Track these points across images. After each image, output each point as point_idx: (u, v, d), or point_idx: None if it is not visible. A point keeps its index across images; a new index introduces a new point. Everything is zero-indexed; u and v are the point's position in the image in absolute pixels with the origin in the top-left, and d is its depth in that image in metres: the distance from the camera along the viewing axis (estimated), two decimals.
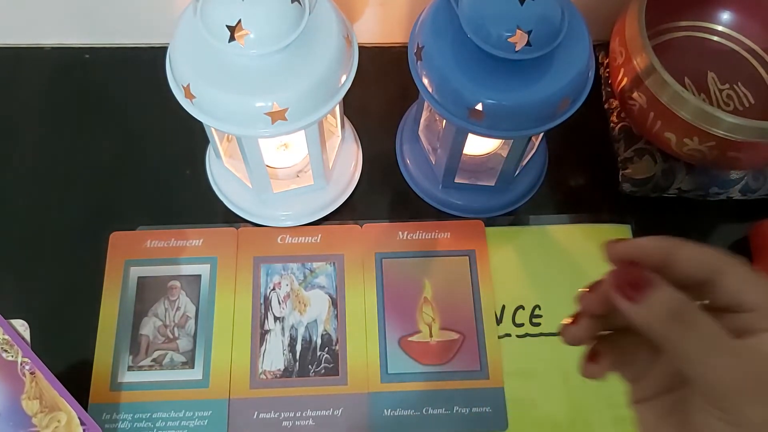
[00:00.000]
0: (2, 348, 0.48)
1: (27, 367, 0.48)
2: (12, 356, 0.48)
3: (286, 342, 0.55)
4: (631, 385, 0.34)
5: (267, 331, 0.55)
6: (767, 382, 0.28)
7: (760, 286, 0.30)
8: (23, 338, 0.50)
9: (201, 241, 0.58)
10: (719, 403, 0.29)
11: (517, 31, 0.44)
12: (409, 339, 0.55)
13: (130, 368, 0.54)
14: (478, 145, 0.58)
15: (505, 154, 0.55)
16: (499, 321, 0.56)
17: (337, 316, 0.56)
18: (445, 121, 0.53)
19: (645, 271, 0.30)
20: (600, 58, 0.66)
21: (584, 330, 0.34)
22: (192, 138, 0.60)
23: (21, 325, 0.53)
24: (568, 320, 0.35)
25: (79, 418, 0.48)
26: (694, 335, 0.28)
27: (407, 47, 0.51)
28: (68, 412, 0.48)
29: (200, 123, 0.49)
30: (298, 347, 0.55)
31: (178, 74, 0.47)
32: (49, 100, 0.65)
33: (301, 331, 0.56)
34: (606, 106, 0.64)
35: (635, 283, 0.30)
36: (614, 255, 0.33)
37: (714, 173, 0.59)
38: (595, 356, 0.34)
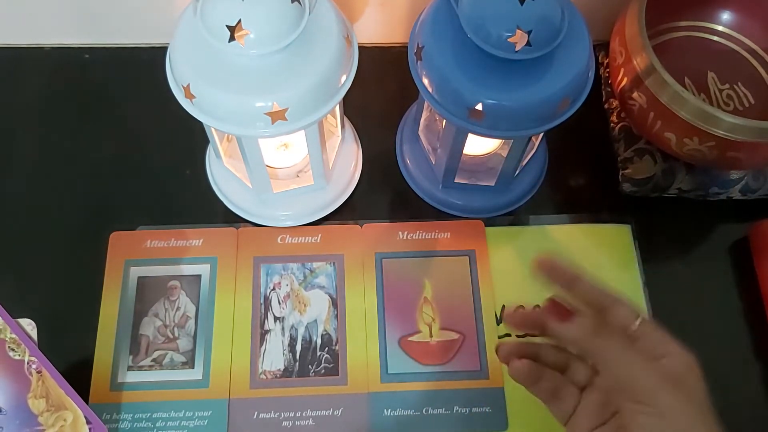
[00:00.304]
0: (9, 347, 0.48)
1: (34, 366, 0.48)
2: (19, 355, 0.48)
3: (286, 342, 0.55)
4: (567, 426, 0.43)
5: (267, 331, 0.55)
6: (671, 377, 0.37)
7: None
8: (30, 337, 0.50)
9: (201, 241, 0.58)
10: (641, 397, 0.37)
11: (517, 31, 0.44)
12: (409, 339, 0.55)
13: (130, 368, 0.54)
14: (478, 145, 0.58)
15: (505, 154, 0.55)
16: (499, 321, 0.56)
17: (337, 316, 0.56)
18: (445, 121, 0.53)
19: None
20: (600, 58, 0.66)
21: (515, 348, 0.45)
22: (192, 138, 0.60)
23: (28, 324, 0.53)
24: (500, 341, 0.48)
25: (85, 417, 0.48)
26: (613, 344, 0.39)
27: (407, 47, 0.51)
28: (74, 411, 0.48)
29: (200, 123, 0.49)
30: (298, 347, 0.55)
31: (178, 74, 0.47)
32: (49, 100, 0.65)
33: (301, 331, 0.56)
34: (606, 106, 0.64)
35: (565, 312, 0.41)
36: (541, 265, 0.44)
37: (714, 173, 0.59)
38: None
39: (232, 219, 0.59)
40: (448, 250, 0.59)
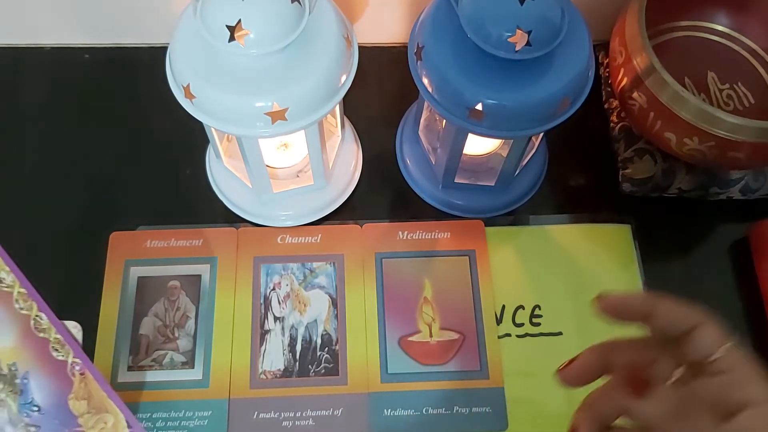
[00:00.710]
0: (53, 347, 0.48)
1: (77, 368, 0.48)
2: (62, 356, 0.48)
3: (286, 342, 0.55)
4: None
5: (267, 331, 0.55)
6: None
7: (731, 350, 0.34)
8: (75, 339, 0.50)
9: (201, 241, 0.58)
10: None
11: (517, 31, 0.44)
12: (409, 339, 0.55)
13: (130, 368, 0.54)
14: (478, 145, 0.58)
15: (505, 154, 0.55)
16: (499, 321, 0.56)
17: (337, 316, 0.56)
18: (445, 121, 0.53)
19: (647, 371, 0.35)
20: (600, 57, 0.66)
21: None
22: (192, 138, 0.60)
23: (74, 327, 0.54)
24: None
25: (126, 421, 0.48)
26: (691, 428, 0.33)
27: (407, 47, 0.51)
28: (116, 414, 0.48)
29: (200, 123, 0.49)
30: (298, 347, 0.55)
31: (178, 74, 0.47)
32: (49, 100, 0.65)
33: (301, 331, 0.56)
34: (606, 106, 0.64)
35: (640, 381, 0.34)
36: (605, 307, 0.37)
37: (714, 173, 0.59)
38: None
39: (232, 219, 0.59)
40: (448, 250, 0.59)
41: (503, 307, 0.57)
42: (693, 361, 0.35)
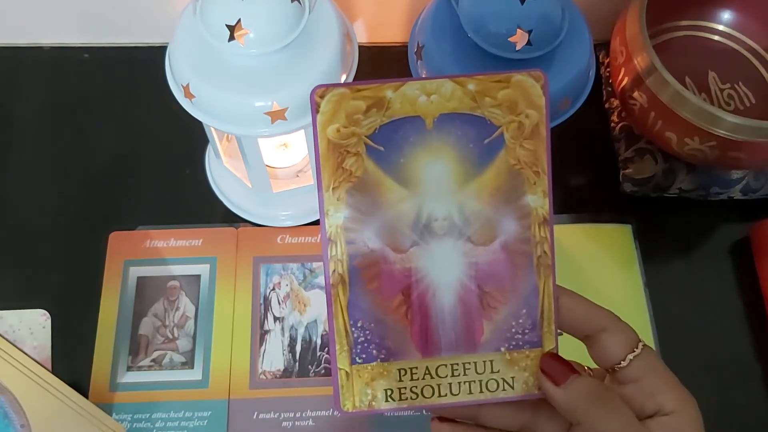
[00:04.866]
0: None
1: None
2: None
3: (286, 342, 0.55)
4: None
5: (267, 332, 0.55)
6: None
7: (645, 359, 0.32)
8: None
9: (201, 241, 0.58)
10: None
11: (518, 30, 0.44)
12: None
13: (129, 368, 0.54)
14: None
15: None
16: None
17: None
18: None
19: (570, 361, 0.33)
20: (600, 57, 0.65)
21: None
22: (192, 138, 0.60)
23: (42, 315, 0.54)
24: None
25: None
26: (614, 417, 0.31)
27: (407, 47, 0.51)
28: None
29: (200, 123, 0.49)
30: (298, 347, 0.55)
31: (178, 74, 0.47)
32: (48, 100, 0.65)
33: (300, 331, 0.56)
34: (606, 105, 0.64)
35: (563, 369, 0.33)
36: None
37: (715, 173, 0.59)
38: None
39: (231, 219, 0.59)
40: None
41: None
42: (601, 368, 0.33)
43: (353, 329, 0.32)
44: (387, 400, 0.33)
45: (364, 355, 0.33)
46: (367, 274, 0.32)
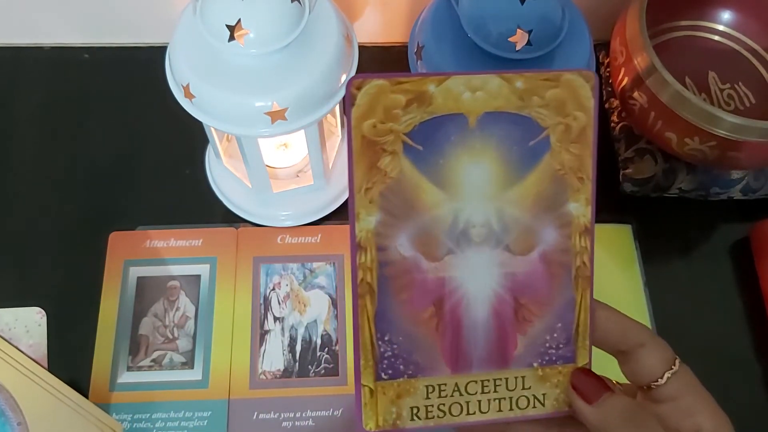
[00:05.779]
0: None
1: None
2: None
3: (286, 342, 0.55)
4: None
5: (267, 332, 0.55)
6: None
7: (682, 377, 0.31)
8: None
9: (201, 241, 0.58)
10: None
11: (518, 30, 0.44)
12: None
13: (129, 368, 0.54)
14: None
15: None
16: None
17: (337, 316, 0.56)
18: None
19: (602, 377, 0.32)
20: (600, 57, 0.65)
21: None
22: (192, 138, 0.60)
23: (38, 313, 0.54)
24: None
25: None
26: None
27: (407, 47, 0.51)
28: None
29: (200, 123, 0.49)
30: (298, 347, 0.55)
31: (178, 74, 0.47)
32: (48, 100, 0.65)
33: (301, 331, 0.56)
34: (606, 105, 0.64)
35: (595, 386, 0.31)
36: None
37: (715, 173, 0.59)
38: None
39: (231, 219, 0.59)
40: None
41: None
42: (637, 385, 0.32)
43: (380, 343, 0.30)
44: (413, 419, 0.31)
45: (390, 371, 0.30)
46: (397, 284, 0.30)
